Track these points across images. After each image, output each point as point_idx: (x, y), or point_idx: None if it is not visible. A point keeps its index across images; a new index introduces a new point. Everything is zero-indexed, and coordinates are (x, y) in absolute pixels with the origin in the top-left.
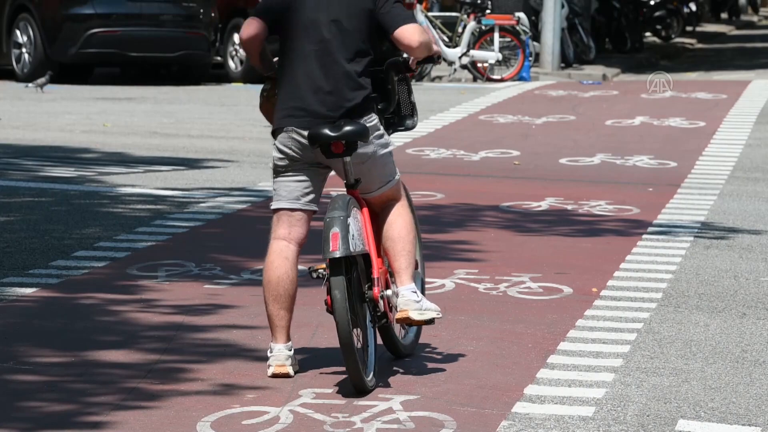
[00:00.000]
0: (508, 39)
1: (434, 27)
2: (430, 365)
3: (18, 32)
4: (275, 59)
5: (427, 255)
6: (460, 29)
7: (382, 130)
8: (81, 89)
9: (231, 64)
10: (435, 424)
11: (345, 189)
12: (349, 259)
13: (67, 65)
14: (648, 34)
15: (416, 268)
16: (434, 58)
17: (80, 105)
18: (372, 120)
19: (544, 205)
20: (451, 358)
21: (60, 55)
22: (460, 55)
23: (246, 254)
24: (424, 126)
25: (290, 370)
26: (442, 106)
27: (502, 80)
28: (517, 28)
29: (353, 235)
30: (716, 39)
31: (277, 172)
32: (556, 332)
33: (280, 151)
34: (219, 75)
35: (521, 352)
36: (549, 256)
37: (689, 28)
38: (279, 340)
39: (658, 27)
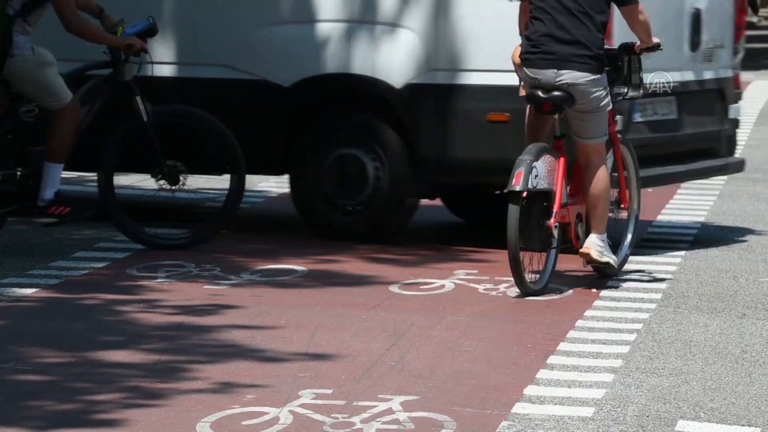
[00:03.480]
0: None
1: None
2: (430, 366)
3: None
4: None
5: (427, 255)
6: None
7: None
8: None
9: None
10: (435, 425)
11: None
12: (533, 193)
13: None
14: None
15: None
16: (657, 47)
17: None
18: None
19: None
20: (451, 358)
21: None
22: None
23: (246, 255)
24: None
25: None
26: None
27: None
28: None
29: (536, 175)
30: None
31: None
32: (556, 333)
33: None
34: None
35: (521, 353)
36: None
37: None
38: None
39: None
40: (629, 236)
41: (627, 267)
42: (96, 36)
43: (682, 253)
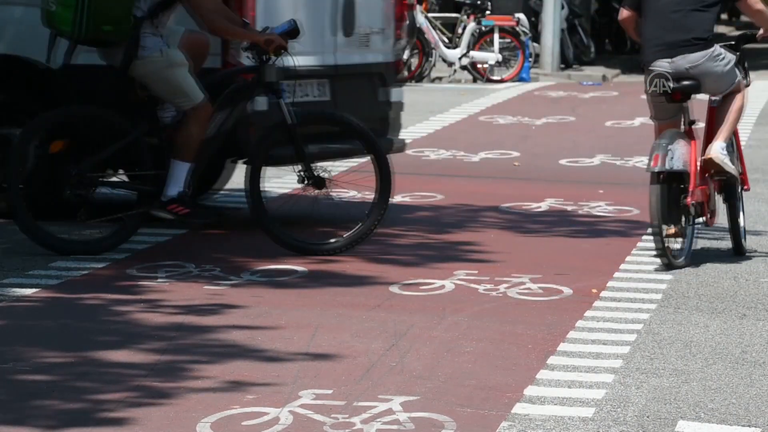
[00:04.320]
0: (508, 40)
1: (434, 28)
2: (430, 366)
3: None
4: None
5: (427, 256)
6: (459, 30)
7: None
8: None
9: None
10: (435, 425)
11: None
12: (670, 174)
13: None
14: None
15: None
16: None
17: None
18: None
19: (543, 206)
20: (451, 359)
21: None
22: (459, 56)
23: (246, 255)
24: (424, 127)
25: None
26: (442, 107)
27: (502, 81)
28: (517, 29)
29: (672, 158)
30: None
31: None
32: (556, 333)
33: None
34: None
35: (521, 353)
36: (549, 257)
37: None
38: None
39: None
40: (742, 214)
41: (626, 267)
42: (236, 33)
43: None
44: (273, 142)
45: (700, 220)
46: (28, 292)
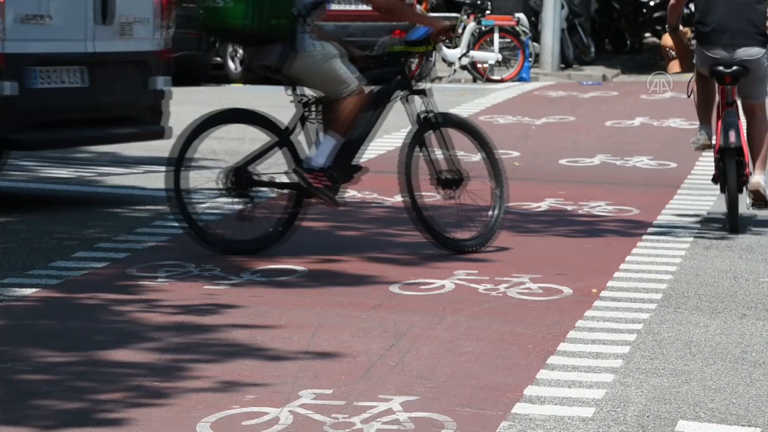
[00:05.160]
0: (508, 40)
1: None
2: (430, 366)
3: None
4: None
5: (427, 256)
6: (459, 30)
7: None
8: None
9: (231, 65)
10: (435, 425)
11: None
12: (737, 149)
13: None
14: (648, 34)
15: None
16: None
17: None
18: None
19: (543, 205)
20: (451, 358)
21: None
22: (459, 55)
23: (246, 255)
24: None
25: None
26: (442, 107)
27: (501, 81)
28: (517, 28)
29: (739, 134)
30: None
31: None
32: (556, 333)
33: None
34: (218, 76)
35: (521, 353)
36: (549, 257)
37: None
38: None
39: (658, 28)
40: None
41: (626, 267)
42: (413, 16)
43: (682, 253)
44: (418, 141)
45: None
46: (28, 292)
